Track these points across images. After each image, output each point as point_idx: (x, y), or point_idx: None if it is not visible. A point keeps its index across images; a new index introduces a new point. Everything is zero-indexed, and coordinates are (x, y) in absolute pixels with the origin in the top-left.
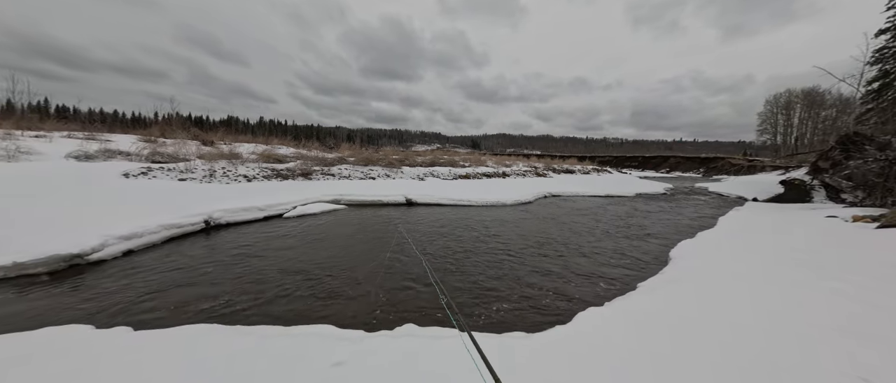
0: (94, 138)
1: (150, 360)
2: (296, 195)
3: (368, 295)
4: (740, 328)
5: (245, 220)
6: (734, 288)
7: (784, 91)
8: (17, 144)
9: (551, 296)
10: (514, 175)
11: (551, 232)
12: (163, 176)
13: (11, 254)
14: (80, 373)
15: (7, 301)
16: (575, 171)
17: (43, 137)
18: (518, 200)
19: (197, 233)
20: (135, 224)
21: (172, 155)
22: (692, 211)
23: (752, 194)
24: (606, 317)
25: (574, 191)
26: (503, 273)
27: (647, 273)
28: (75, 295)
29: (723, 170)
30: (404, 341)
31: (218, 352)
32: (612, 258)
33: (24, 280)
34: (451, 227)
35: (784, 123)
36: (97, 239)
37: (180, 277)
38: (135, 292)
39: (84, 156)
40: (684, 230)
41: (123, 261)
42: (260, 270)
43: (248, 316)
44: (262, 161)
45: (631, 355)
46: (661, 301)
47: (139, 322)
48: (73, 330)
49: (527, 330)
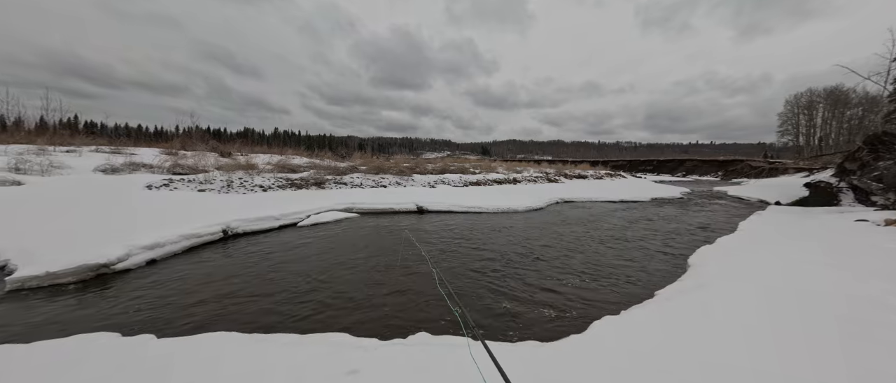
0: (120, 152)
1: (171, 368)
2: (309, 204)
3: (381, 303)
4: (767, 339)
5: (261, 229)
6: (759, 296)
7: (805, 90)
8: (49, 159)
9: (565, 304)
10: (526, 181)
11: (564, 238)
12: (183, 187)
13: (44, 264)
14: (110, 380)
15: (41, 309)
16: (587, 176)
17: (73, 152)
18: (530, 206)
19: (215, 243)
20: (157, 234)
21: (192, 166)
22: (711, 215)
23: (774, 198)
24: (622, 326)
25: (587, 196)
26: (515, 279)
27: (664, 280)
28: (102, 304)
29: (742, 172)
30: (418, 349)
31: (236, 360)
32: (627, 264)
33: (55, 288)
34: (462, 234)
35: (806, 124)
36: (122, 249)
37: (200, 286)
38: (158, 301)
39: (110, 170)
40: (703, 236)
41: (147, 270)
42: (274, 279)
43: (265, 324)
44: (277, 171)
45: (649, 366)
46: (680, 310)
47: (162, 330)
48: (101, 338)
49: (540, 338)
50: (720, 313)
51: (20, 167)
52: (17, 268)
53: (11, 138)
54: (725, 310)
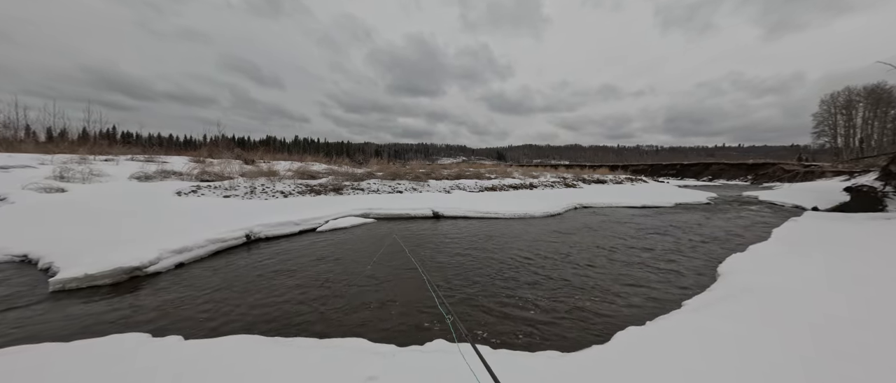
0: (153, 160)
1: (198, 370)
2: (328, 209)
3: (398, 308)
4: (810, 356)
5: (282, 235)
6: (797, 307)
7: (842, 89)
8: (90, 168)
9: (587, 312)
10: (542, 186)
11: (584, 244)
12: (210, 193)
13: (83, 266)
14: (142, 380)
15: (79, 309)
16: (606, 181)
17: (111, 161)
18: (547, 212)
19: (239, 247)
20: (185, 238)
21: (218, 173)
22: (741, 222)
23: (811, 203)
24: (648, 338)
25: (607, 201)
26: (533, 285)
27: (692, 290)
28: (136, 305)
29: (774, 176)
30: (436, 357)
31: (258, 363)
32: (652, 272)
33: (92, 290)
34: (478, 239)
35: (845, 124)
36: (154, 252)
37: (225, 289)
38: (185, 303)
39: (144, 177)
40: (733, 243)
41: (176, 273)
42: (295, 283)
43: (285, 328)
44: (297, 177)
45: (678, 380)
46: (710, 321)
47: (189, 331)
48: (133, 338)
49: (560, 348)
50: (755, 326)
51: (64, 175)
52: (59, 271)
53: (57, 148)
54: (761, 323)
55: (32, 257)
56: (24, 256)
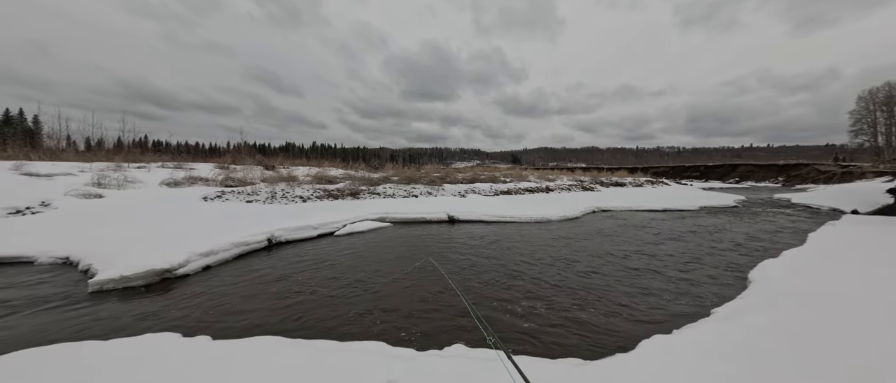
0: (181, 167)
1: (225, 368)
2: (345, 214)
3: (415, 312)
4: (854, 371)
5: (301, 238)
6: (835, 317)
7: (882, 84)
8: (124, 175)
9: (611, 318)
10: (559, 189)
11: (604, 249)
12: (233, 198)
13: (119, 268)
14: (175, 377)
15: (116, 309)
16: (626, 184)
17: (143, 168)
18: (564, 216)
19: (261, 250)
20: (211, 242)
21: (241, 179)
22: (773, 226)
23: (850, 205)
24: (674, 347)
25: (626, 205)
26: (554, 291)
27: (722, 297)
28: (167, 306)
29: (808, 178)
30: (454, 361)
31: (281, 364)
32: (678, 279)
33: (126, 291)
34: (493, 244)
35: (886, 121)
36: (183, 255)
37: (249, 291)
38: (213, 304)
39: (173, 183)
40: (765, 248)
41: (203, 276)
42: (315, 286)
43: (306, 329)
44: (315, 182)
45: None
46: (741, 331)
47: (217, 332)
48: (166, 338)
49: (584, 356)
50: (790, 336)
51: (101, 182)
52: (98, 272)
53: (95, 157)
54: (797, 333)
55: (74, 259)
56: (67, 258)
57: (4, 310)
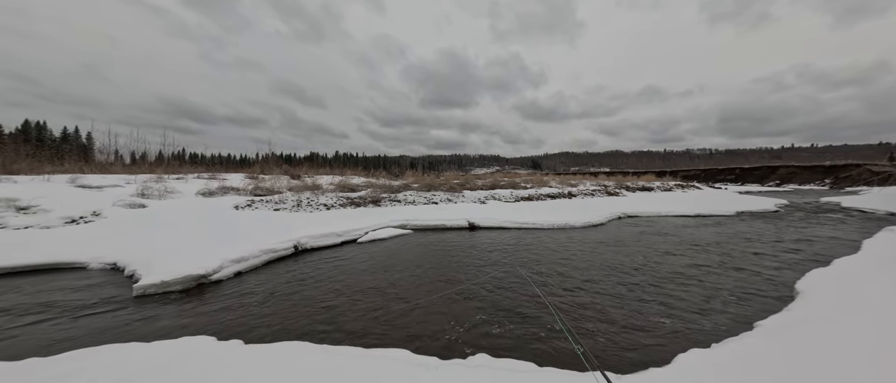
0: (215, 178)
1: (254, 371)
2: (368, 221)
3: (441, 322)
4: None
5: (326, 245)
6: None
7: None
8: (165, 186)
9: (644, 331)
10: (582, 195)
11: (633, 256)
12: (262, 206)
13: (159, 274)
14: (211, 379)
15: (157, 312)
16: (653, 188)
17: (181, 179)
18: (588, 222)
19: (288, 257)
20: (242, 249)
21: (269, 188)
22: (821, 232)
23: None
24: (714, 362)
25: (654, 210)
26: (581, 301)
27: (766, 309)
28: (202, 310)
29: (860, 179)
30: (478, 372)
31: (307, 369)
32: (717, 289)
33: (165, 296)
34: (515, 251)
35: None
36: (217, 262)
37: (278, 297)
38: (245, 309)
39: (208, 193)
40: (813, 256)
41: (235, 281)
42: (339, 291)
43: (332, 335)
44: (338, 191)
45: None
46: (789, 346)
47: (248, 336)
48: (200, 341)
49: (615, 369)
50: (848, 354)
51: (144, 193)
52: (141, 278)
53: (139, 169)
54: (851, 349)
55: (120, 265)
56: (114, 264)
57: (59, 312)
